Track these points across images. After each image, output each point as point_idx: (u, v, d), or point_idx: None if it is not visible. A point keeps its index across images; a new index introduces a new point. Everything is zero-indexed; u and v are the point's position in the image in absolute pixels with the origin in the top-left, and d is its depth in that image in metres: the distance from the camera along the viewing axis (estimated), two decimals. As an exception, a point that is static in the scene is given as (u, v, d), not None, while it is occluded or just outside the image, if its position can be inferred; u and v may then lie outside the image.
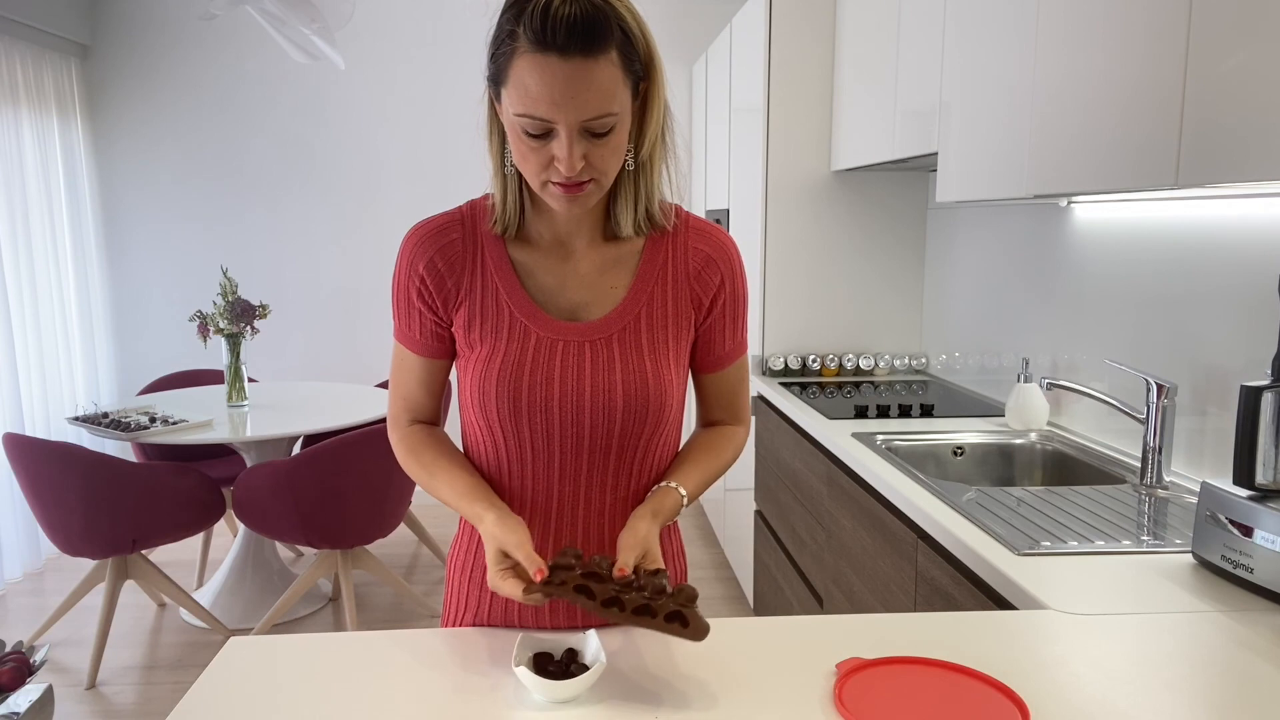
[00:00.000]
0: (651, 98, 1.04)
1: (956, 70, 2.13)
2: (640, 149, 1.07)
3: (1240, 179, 1.24)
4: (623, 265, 1.14)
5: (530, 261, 1.13)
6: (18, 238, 3.88)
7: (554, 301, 1.12)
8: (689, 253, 1.15)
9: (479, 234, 1.13)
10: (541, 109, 0.94)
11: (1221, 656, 1.06)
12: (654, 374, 1.11)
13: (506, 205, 1.10)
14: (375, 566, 3.32)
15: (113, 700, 2.85)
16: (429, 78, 4.52)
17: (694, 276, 1.15)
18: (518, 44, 0.94)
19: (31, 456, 2.84)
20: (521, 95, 0.95)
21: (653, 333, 1.13)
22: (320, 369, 4.70)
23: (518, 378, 1.09)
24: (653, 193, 1.11)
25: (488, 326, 1.11)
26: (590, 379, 1.10)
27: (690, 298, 1.15)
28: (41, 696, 0.93)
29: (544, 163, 0.99)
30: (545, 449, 1.12)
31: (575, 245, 1.13)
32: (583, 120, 0.95)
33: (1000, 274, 2.59)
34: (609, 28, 0.94)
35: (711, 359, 1.19)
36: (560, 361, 1.10)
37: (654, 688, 0.97)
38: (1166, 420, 1.75)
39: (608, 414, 1.10)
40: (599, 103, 0.95)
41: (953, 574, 1.54)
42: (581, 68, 0.93)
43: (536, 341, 1.10)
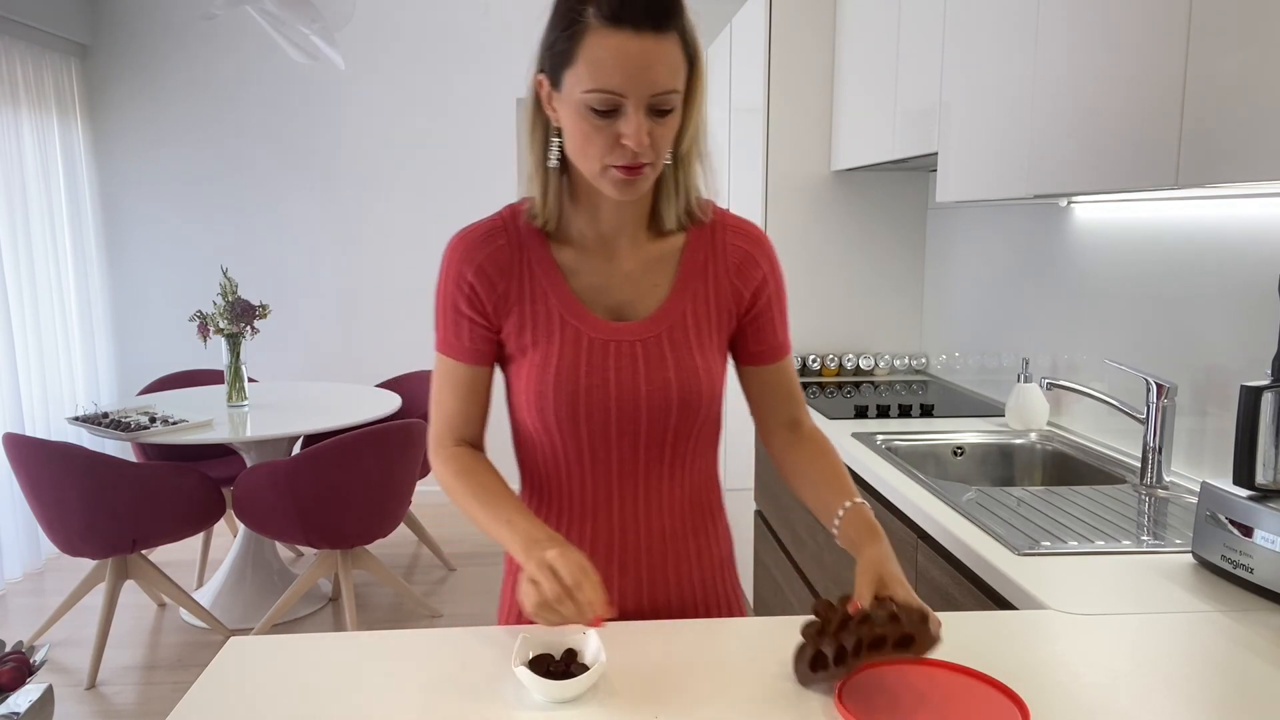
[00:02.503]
0: (696, 89, 1.06)
1: (956, 70, 2.13)
2: (680, 141, 1.08)
3: (1240, 179, 1.24)
4: (665, 263, 1.15)
5: (574, 263, 1.13)
6: (18, 238, 3.88)
7: (600, 301, 1.13)
8: (728, 249, 1.17)
9: (523, 237, 1.13)
10: (615, 82, 0.96)
11: (1221, 656, 1.06)
12: (705, 368, 1.14)
13: (547, 202, 1.11)
14: (375, 566, 3.32)
15: (113, 700, 2.85)
16: (429, 78, 4.52)
17: (735, 272, 1.16)
18: (587, 22, 0.97)
19: (31, 456, 2.84)
20: (594, 71, 0.97)
21: (699, 327, 1.14)
22: (320, 369, 4.70)
23: (574, 381, 1.10)
24: (692, 185, 1.13)
25: (539, 331, 1.11)
26: (645, 377, 1.11)
27: (732, 293, 1.17)
28: (41, 696, 0.93)
29: (609, 143, 1.00)
30: (603, 448, 1.13)
31: (618, 244, 1.14)
32: (652, 94, 0.98)
33: (1000, 274, 2.59)
34: (678, 7, 0.99)
35: (767, 348, 1.20)
36: (614, 362, 1.11)
37: (654, 688, 0.97)
38: (1166, 420, 1.75)
39: (663, 410, 1.12)
40: (667, 78, 0.98)
41: (953, 574, 1.54)
42: (653, 42, 0.96)
43: (589, 344, 1.11)
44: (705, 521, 1.23)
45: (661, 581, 1.20)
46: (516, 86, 4.54)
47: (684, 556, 1.21)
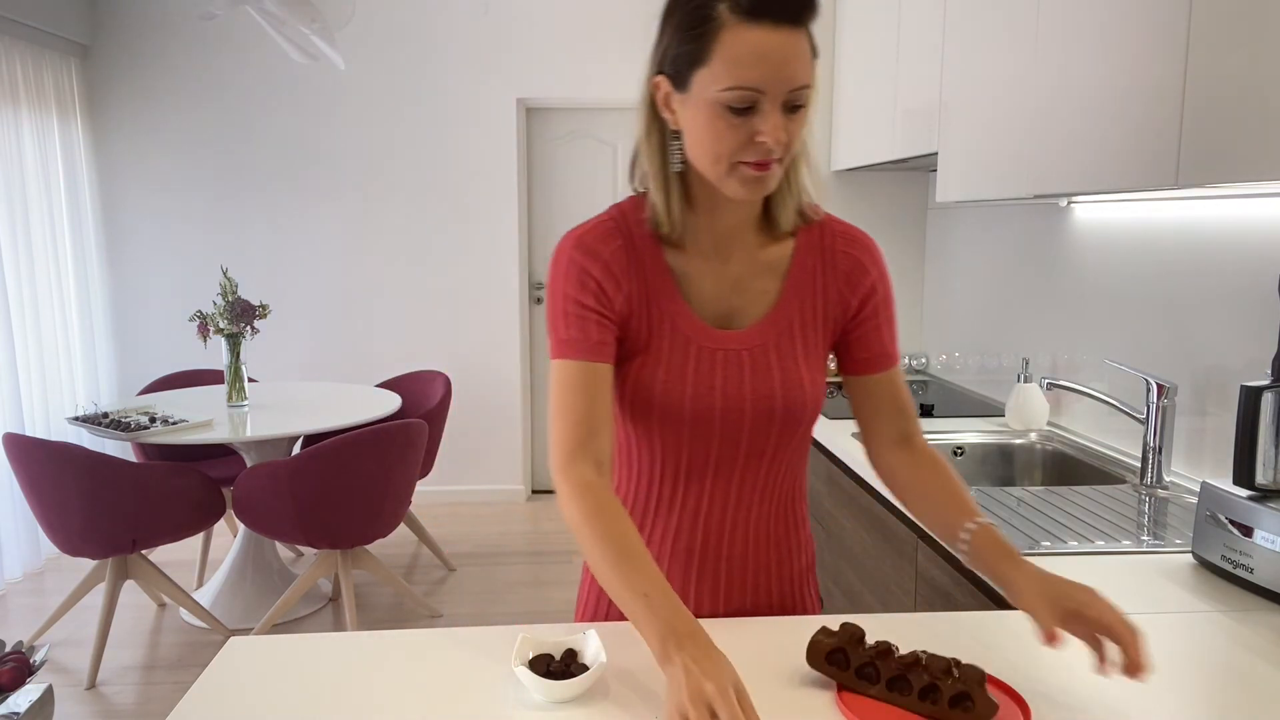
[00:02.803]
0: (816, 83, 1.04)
1: (956, 70, 2.13)
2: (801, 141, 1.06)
3: (1240, 179, 1.24)
4: (774, 270, 1.14)
5: (686, 267, 1.12)
6: (18, 238, 3.88)
7: (709, 308, 1.12)
8: (838, 256, 1.15)
9: (636, 241, 1.11)
10: (754, 78, 0.95)
11: (1221, 656, 1.06)
12: (810, 379, 1.13)
13: (671, 207, 1.08)
14: (375, 566, 3.32)
15: (113, 700, 2.85)
16: (429, 78, 4.52)
17: (844, 280, 1.15)
18: (721, 20, 0.95)
19: (31, 456, 2.84)
20: (732, 68, 0.95)
21: (805, 337, 1.13)
22: (320, 369, 4.70)
23: (680, 389, 1.09)
24: (803, 185, 1.12)
25: (650, 336, 1.10)
26: (751, 388, 1.10)
27: (839, 301, 1.15)
28: (41, 696, 0.93)
29: (742, 141, 0.98)
30: (701, 456, 1.12)
31: (733, 247, 1.12)
32: (790, 89, 0.96)
33: (1000, 274, 2.59)
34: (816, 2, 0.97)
35: (874, 357, 1.17)
36: (721, 372, 1.10)
37: (654, 688, 0.97)
38: (1166, 420, 1.75)
39: (767, 421, 1.11)
40: (803, 73, 0.97)
41: (953, 574, 1.54)
42: (790, 37, 0.95)
43: (697, 352, 1.10)
44: (789, 532, 1.21)
45: (739, 589, 1.19)
46: (516, 86, 4.54)
47: (763, 566, 1.19)
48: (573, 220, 5.31)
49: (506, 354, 4.71)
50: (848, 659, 0.95)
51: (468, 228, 4.62)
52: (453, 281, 4.66)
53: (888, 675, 0.93)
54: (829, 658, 0.96)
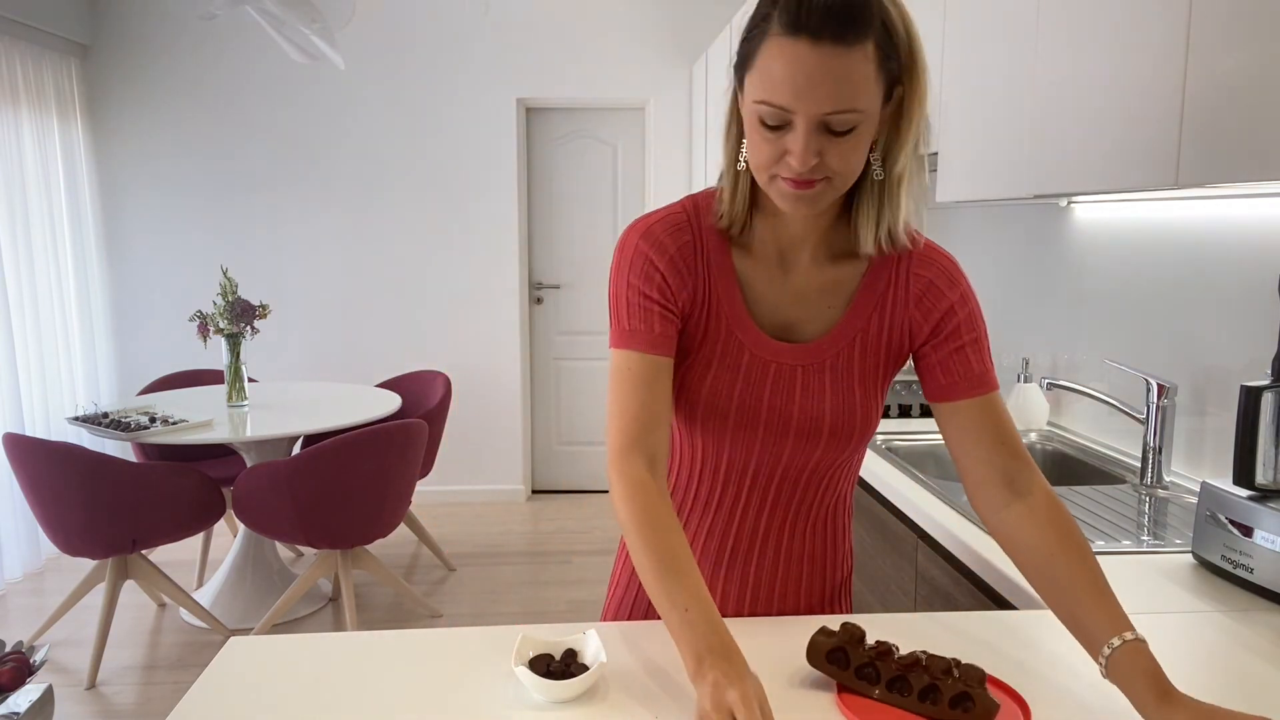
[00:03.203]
0: (909, 105, 0.96)
1: (956, 70, 2.13)
2: (891, 161, 0.99)
3: (1240, 179, 1.24)
4: (842, 287, 1.08)
5: (750, 271, 1.08)
6: (18, 238, 3.88)
7: (769, 316, 1.08)
8: (910, 279, 1.08)
9: (704, 235, 1.07)
10: (782, 96, 0.89)
11: (1221, 656, 1.06)
12: (862, 403, 1.09)
13: (735, 204, 1.05)
14: (375, 566, 3.32)
15: (113, 700, 2.85)
16: (429, 78, 4.52)
17: (915, 302, 1.08)
18: (770, 27, 0.90)
19: (31, 456, 2.84)
20: (764, 80, 0.90)
21: (865, 359, 1.09)
22: (320, 369, 4.70)
23: (727, 395, 1.08)
24: (898, 210, 1.02)
25: (706, 336, 1.08)
26: (800, 404, 1.08)
27: (908, 326, 1.09)
28: (41, 696, 0.93)
29: (776, 155, 0.93)
30: (741, 463, 1.11)
31: (798, 259, 1.08)
32: (823, 113, 0.89)
33: (1000, 274, 2.59)
34: (869, 16, 0.88)
35: (960, 381, 1.06)
36: (771, 384, 1.08)
37: (654, 688, 0.97)
38: (1166, 420, 1.75)
39: (811, 439, 1.09)
40: (844, 96, 0.88)
41: (953, 574, 1.54)
42: (832, 55, 0.87)
43: (749, 360, 1.07)
44: (826, 548, 1.20)
45: (766, 595, 1.19)
46: (516, 86, 4.54)
47: (793, 576, 1.18)
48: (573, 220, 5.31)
49: (506, 354, 4.71)
50: (848, 659, 0.95)
51: (468, 228, 4.62)
52: (453, 281, 4.66)
53: (888, 676, 0.93)
54: (829, 657, 0.96)
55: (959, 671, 0.90)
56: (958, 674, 0.90)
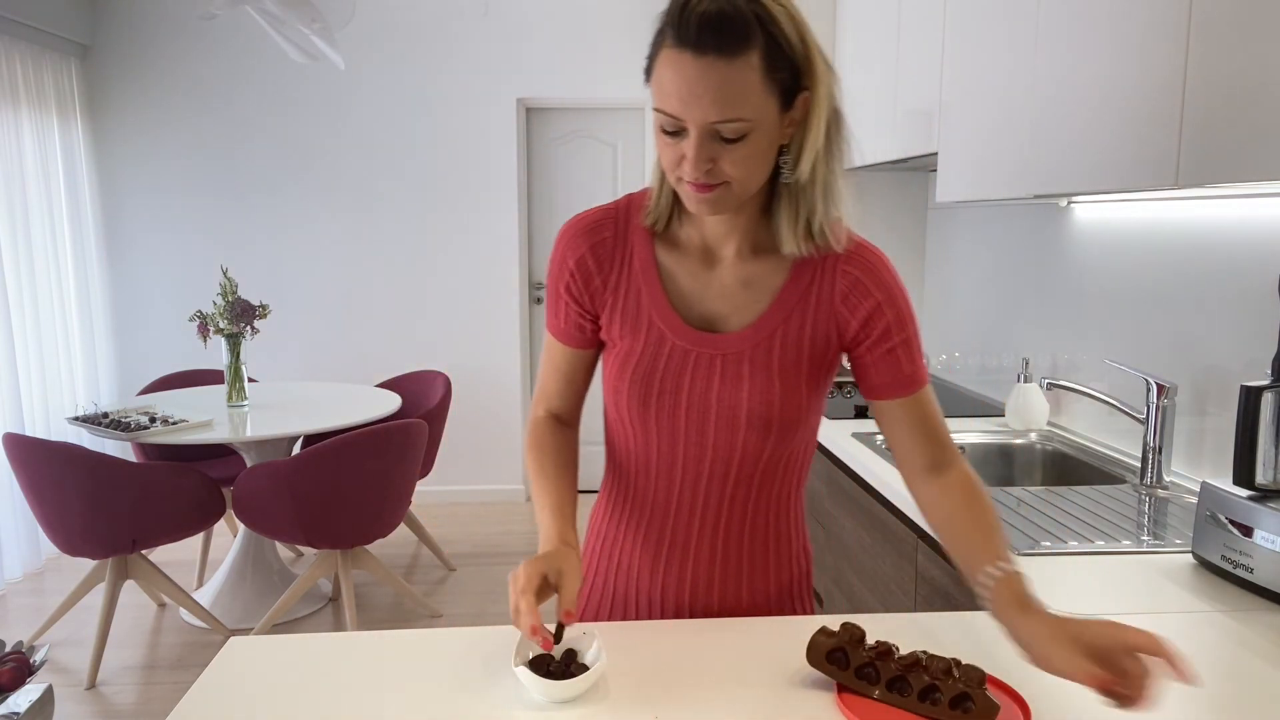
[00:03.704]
0: (812, 110, 0.99)
1: (956, 70, 2.13)
2: (801, 164, 1.01)
3: (1240, 179, 1.24)
4: (766, 282, 1.11)
5: (675, 266, 1.12)
6: (18, 238, 3.88)
7: (692, 309, 1.12)
8: (836, 276, 1.10)
9: (631, 231, 1.13)
10: (671, 105, 0.95)
11: (1221, 656, 1.06)
12: (781, 395, 1.10)
13: (660, 202, 1.11)
14: (375, 566, 3.32)
15: (113, 700, 2.85)
16: (429, 78, 4.52)
17: (841, 300, 1.10)
18: (664, 39, 0.95)
19: (31, 456, 2.84)
20: (659, 90, 0.97)
21: (786, 353, 1.10)
22: (320, 369, 4.70)
23: (648, 381, 1.11)
24: (815, 208, 1.04)
25: (627, 326, 1.13)
26: (718, 392, 1.10)
27: (835, 321, 1.10)
28: (41, 696, 0.93)
29: (676, 160, 0.99)
30: (669, 450, 1.14)
31: (722, 253, 1.12)
32: (710, 121, 0.94)
33: (1000, 274, 2.59)
34: (748, 29, 0.92)
35: (890, 382, 1.11)
36: (691, 372, 1.11)
37: (654, 688, 0.97)
38: (1166, 420, 1.75)
39: (731, 429, 1.11)
40: (729, 106, 0.93)
41: (953, 574, 1.54)
42: (714, 67, 0.92)
43: (670, 349, 1.11)
44: (769, 547, 1.19)
45: (705, 590, 1.19)
46: (516, 86, 4.54)
47: (732, 573, 1.19)
48: (573, 220, 5.23)
49: (506, 354, 4.71)
50: (848, 659, 0.95)
51: (468, 228, 4.62)
52: (453, 281, 4.66)
53: (888, 676, 0.93)
54: (829, 657, 0.96)
55: (959, 672, 0.90)
56: (958, 674, 0.90)
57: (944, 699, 0.89)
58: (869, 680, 0.94)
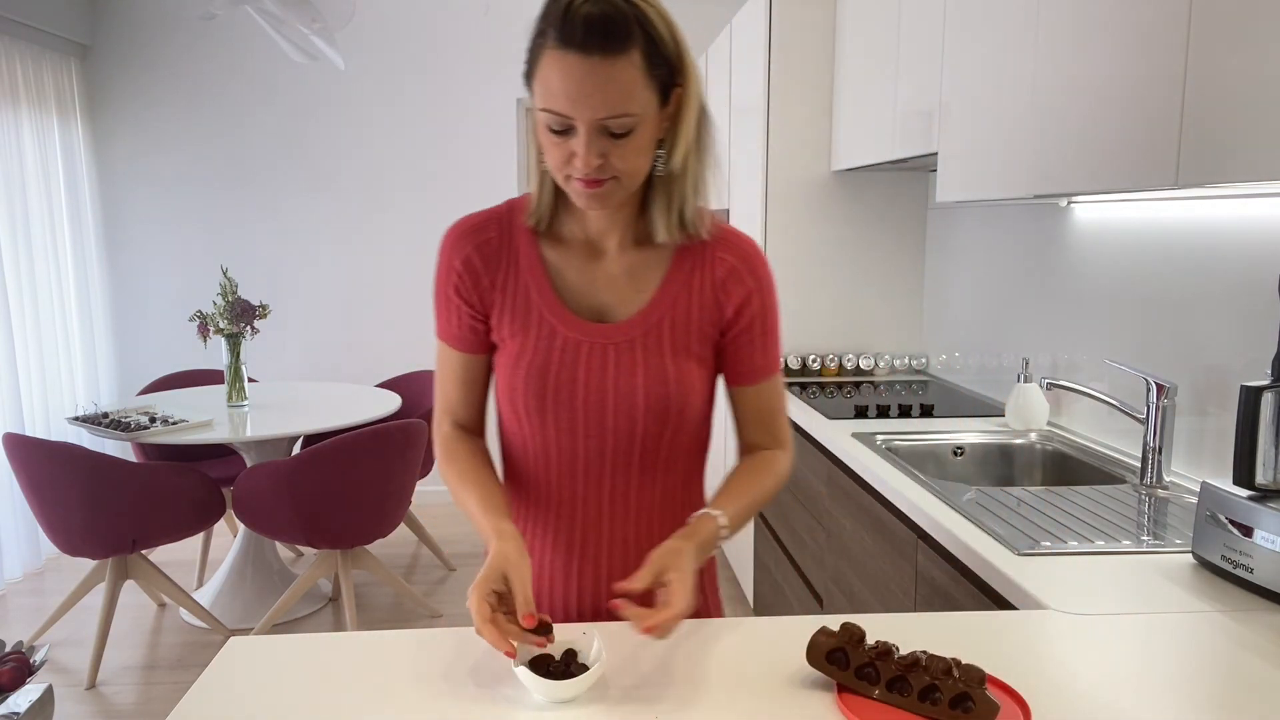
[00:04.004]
0: (684, 104, 1.05)
1: (956, 70, 2.13)
2: (673, 156, 1.07)
3: (1240, 179, 1.24)
4: (650, 270, 1.15)
5: (561, 261, 1.15)
6: (18, 238, 3.88)
7: (581, 301, 1.14)
8: (715, 262, 1.16)
9: (515, 231, 1.16)
10: (560, 104, 0.97)
11: (1221, 656, 1.06)
12: (676, 377, 1.13)
13: (541, 200, 1.13)
14: (375, 566, 3.32)
15: (113, 700, 2.85)
16: (429, 78, 4.52)
17: (719, 285, 1.15)
18: (546, 41, 0.98)
19: (31, 456, 2.84)
20: (544, 91, 0.99)
21: (676, 337, 1.14)
22: (320, 369, 4.70)
23: (543, 376, 1.12)
24: (687, 198, 1.11)
25: (517, 324, 1.14)
26: (613, 380, 1.12)
27: (715, 305, 1.15)
28: (41, 696, 0.93)
29: (565, 158, 1.01)
30: (569, 446, 1.14)
31: (606, 246, 1.15)
32: (599, 118, 0.98)
33: (1000, 274, 2.59)
34: (629, 29, 0.97)
35: (742, 371, 1.19)
36: (585, 363, 1.12)
37: (654, 688, 0.97)
38: (1166, 420, 1.75)
39: (629, 414, 1.12)
40: (616, 102, 0.97)
41: (953, 574, 1.54)
42: (600, 66, 0.96)
43: (563, 342, 1.12)
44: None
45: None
46: (516, 87, 4.53)
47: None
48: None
49: (506, 354, 4.71)
50: (848, 659, 0.95)
51: (468, 228, 4.62)
52: (453, 281, 4.65)
53: (888, 676, 0.93)
54: (829, 658, 0.96)
55: (959, 672, 0.90)
56: (958, 674, 0.90)
57: (944, 699, 0.89)
58: (869, 680, 0.94)
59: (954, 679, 0.90)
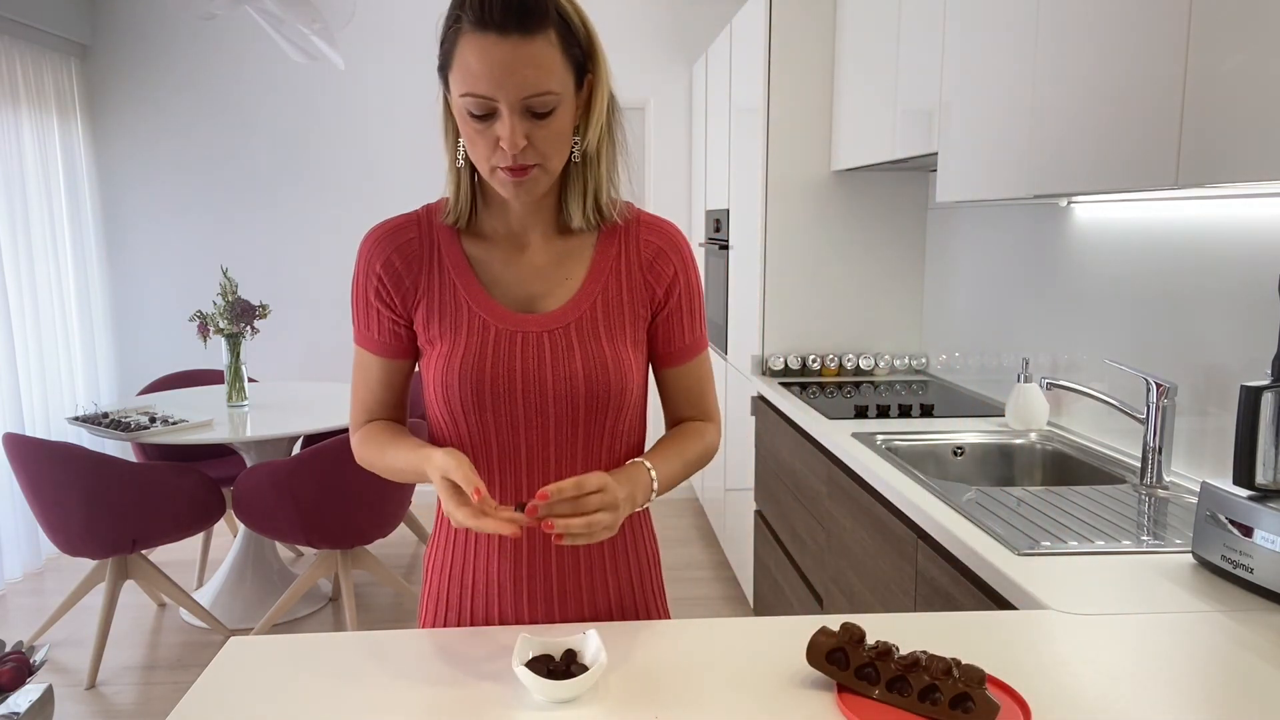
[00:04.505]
0: (595, 89, 1.07)
1: (956, 70, 2.13)
2: (586, 140, 1.09)
3: (1240, 179, 1.24)
4: (576, 257, 1.16)
5: (485, 256, 1.15)
6: (18, 238, 3.88)
7: (509, 294, 1.14)
8: (641, 244, 1.17)
9: (435, 232, 1.15)
10: (483, 86, 0.98)
11: (1221, 656, 1.06)
12: (613, 359, 1.13)
13: (459, 197, 1.13)
14: (375, 566, 3.32)
15: (113, 700, 2.85)
16: (428, 78, 4.52)
17: (646, 267, 1.17)
18: (461, 26, 0.98)
19: (31, 456, 2.84)
20: (464, 75, 0.98)
21: (609, 319, 1.14)
22: (320, 369, 4.70)
23: (479, 371, 1.11)
24: (601, 184, 1.13)
25: (446, 323, 1.13)
26: (551, 368, 1.11)
27: (644, 287, 1.17)
28: (41, 696, 0.93)
29: (490, 146, 1.02)
30: (511, 440, 1.13)
31: (529, 238, 1.15)
32: (523, 97, 0.98)
33: (1000, 274, 2.59)
34: (544, 7, 0.98)
35: (672, 352, 1.20)
36: (521, 352, 1.11)
37: (654, 688, 0.97)
38: (1166, 420, 1.75)
39: (570, 401, 1.12)
40: (537, 79, 0.98)
41: (953, 574, 1.54)
42: (519, 45, 0.97)
43: (496, 334, 1.11)
44: (624, 534, 1.21)
45: (574, 594, 1.18)
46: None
47: (597, 568, 1.19)
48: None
49: (506, 354, 4.71)
50: (848, 659, 0.95)
51: (468, 228, 4.62)
52: (453, 281, 4.66)
53: (888, 676, 0.93)
54: (829, 658, 0.96)
55: (959, 672, 0.90)
56: (958, 674, 0.90)
57: (944, 699, 0.89)
58: (869, 680, 0.94)
59: (954, 679, 0.90)
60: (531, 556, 1.17)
